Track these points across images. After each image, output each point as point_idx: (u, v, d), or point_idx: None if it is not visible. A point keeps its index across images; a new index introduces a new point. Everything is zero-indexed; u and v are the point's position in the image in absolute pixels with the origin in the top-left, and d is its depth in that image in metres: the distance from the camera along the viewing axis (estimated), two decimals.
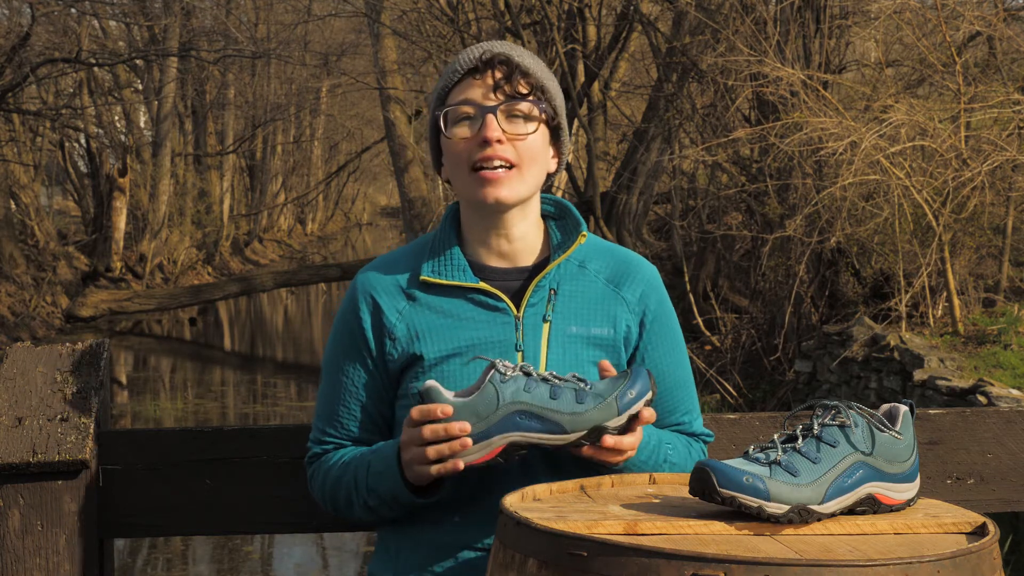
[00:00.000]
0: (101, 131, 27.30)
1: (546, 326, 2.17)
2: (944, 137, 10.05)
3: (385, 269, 2.25)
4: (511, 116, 2.16)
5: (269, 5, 31.13)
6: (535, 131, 2.17)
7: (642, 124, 17.08)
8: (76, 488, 2.44)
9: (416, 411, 2.01)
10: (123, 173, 24.92)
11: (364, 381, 2.22)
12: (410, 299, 2.20)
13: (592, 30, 17.76)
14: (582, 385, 2.02)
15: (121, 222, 24.82)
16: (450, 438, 2.00)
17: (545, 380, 2.01)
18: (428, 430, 1.99)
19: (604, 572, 1.64)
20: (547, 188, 2.31)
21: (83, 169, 27.60)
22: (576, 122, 17.26)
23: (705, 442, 2.31)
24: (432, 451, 2.00)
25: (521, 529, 1.75)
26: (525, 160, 2.16)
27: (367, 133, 37.56)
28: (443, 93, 2.20)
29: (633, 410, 2.01)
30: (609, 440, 2.01)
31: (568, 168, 17.33)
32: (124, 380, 16.52)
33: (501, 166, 2.15)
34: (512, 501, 1.90)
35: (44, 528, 2.44)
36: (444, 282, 2.19)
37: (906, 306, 10.19)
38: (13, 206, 22.86)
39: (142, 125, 29.87)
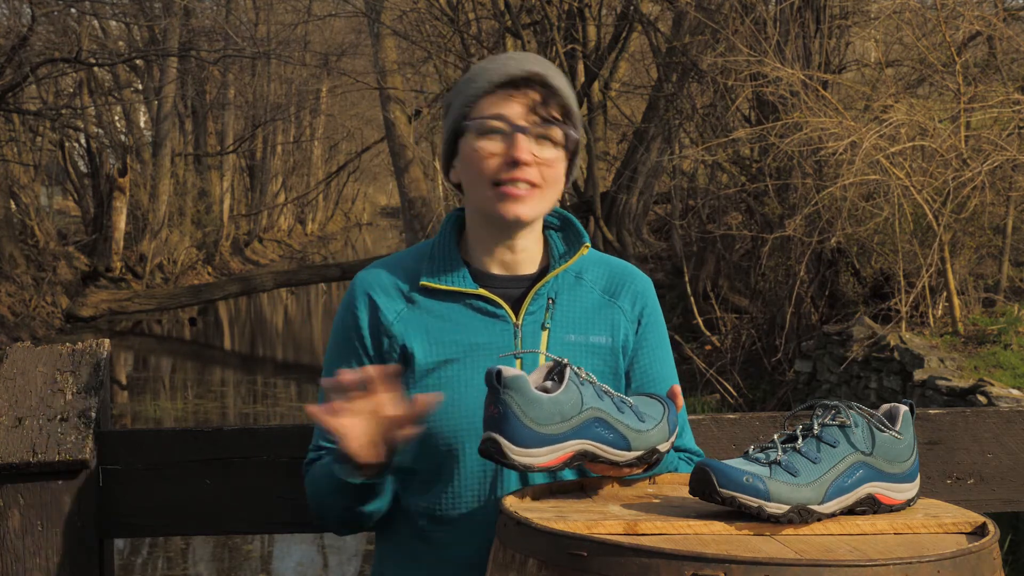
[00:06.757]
0: (101, 131, 27.30)
1: (545, 333, 2.15)
2: (944, 137, 10.04)
3: (385, 271, 2.22)
4: (540, 139, 2.13)
5: (269, 5, 31.14)
6: (558, 157, 2.15)
7: (642, 124, 17.09)
8: (76, 488, 2.44)
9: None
10: (123, 173, 24.92)
11: None
12: (409, 302, 2.17)
13: (592, 30, 17.78)
14: (630, 402, 1.95)
15: (121, 222, 24.83)
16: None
17: (606, 392, 1.92)
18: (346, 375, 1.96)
19: (604, 572, 1.64)
20: None
21: (83, 169, 27.60)
22: None
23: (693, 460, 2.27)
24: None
25: (521, 529, 1.75)
26: (548, 183, 2.14)
27: (367, 133, 37.58)
28: (471, 100, 2.16)
29: (674, 435, 1.97)
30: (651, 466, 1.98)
31: None
32: (124, 380, 16.52)
33: (525, 186, 2.14)
34: (512, 501, 1.90)
35: (44, 528, 2.43)
36: (443, 287, 2.16)
37: (906, 306, 10.18)
38: (13, 206, 22.86)
39: (142, 125, 29.88)
